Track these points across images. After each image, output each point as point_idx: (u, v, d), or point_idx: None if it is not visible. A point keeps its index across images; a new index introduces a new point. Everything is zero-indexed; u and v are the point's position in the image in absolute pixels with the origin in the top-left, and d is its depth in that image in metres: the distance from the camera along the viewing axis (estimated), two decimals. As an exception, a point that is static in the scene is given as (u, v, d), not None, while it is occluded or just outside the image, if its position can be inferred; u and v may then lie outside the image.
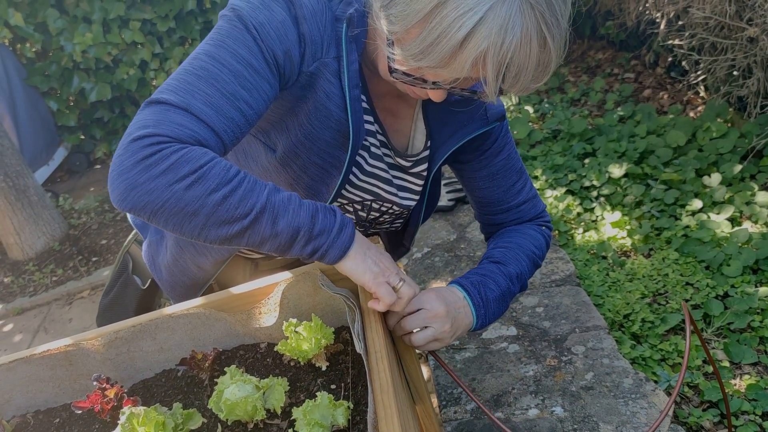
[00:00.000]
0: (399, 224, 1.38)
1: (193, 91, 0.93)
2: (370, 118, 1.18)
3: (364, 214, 1.29)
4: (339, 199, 1.23)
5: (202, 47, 0.97)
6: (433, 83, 0.98)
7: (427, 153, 1.25)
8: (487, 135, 1.27)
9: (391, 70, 0.99)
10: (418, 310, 1.13)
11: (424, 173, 1.27)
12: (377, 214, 1.30)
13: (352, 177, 1.20)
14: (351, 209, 1.27)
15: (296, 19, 1.00)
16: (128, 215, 1.51)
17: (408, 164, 1.25)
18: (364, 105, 1.15)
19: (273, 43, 0.98)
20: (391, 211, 1.30)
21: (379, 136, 1.21)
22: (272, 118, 1.12)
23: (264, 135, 1.15)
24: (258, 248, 0.98)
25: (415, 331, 1.14)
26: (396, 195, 1.27)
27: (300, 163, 1.13)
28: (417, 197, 1.30)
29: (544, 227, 1.39)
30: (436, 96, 1.03)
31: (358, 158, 1.19)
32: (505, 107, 3.92)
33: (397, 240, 1.49)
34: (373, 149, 1.20)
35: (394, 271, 1.04)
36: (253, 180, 0.96)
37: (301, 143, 1.10)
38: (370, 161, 1.21)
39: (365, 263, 1.01)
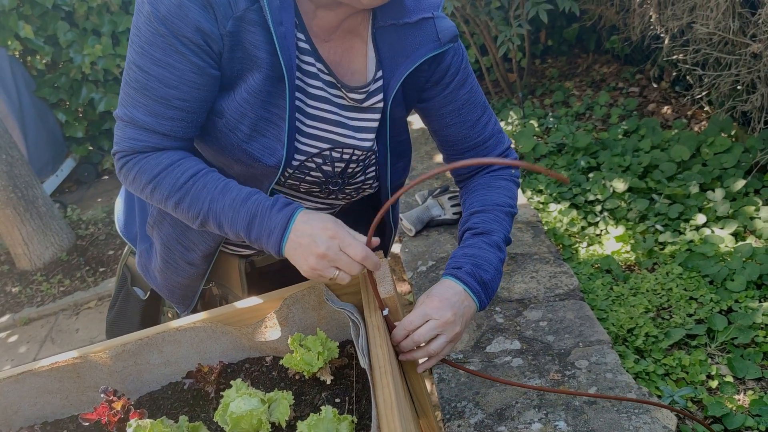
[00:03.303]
0: (372, 176, 1.34)
1: (135, 104, 1.09)
2: (311, 59, 1.17)
3: (330, 168, 1.25)
4: (297, 156, 1.21)
5: (130, 54, 1.09)
6: None
7: (380, 83, 1.23)
8: (446, 66, 1.27)
9: None
10: (425, 321, 1.14)
11: (380, 105, 1.25)
12: (342, 165, 1.26)
13: (299, 125, 1.19)
14: (314, 165, 1.23)
15: None
16: (117, 229, 1.55)
17: (361, 97, 1.23)
18: (304, 45, 1.15)
19: (181, 29, 1.04)
20: (354, 158, 1.26)
21: (325, 76, 1.19)
22: (224, 87, 1.14)
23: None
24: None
25: (423, 344, 1.15)
26: (354, 138, 1.24)
27: (248, 122, 1.14)
28: (375, 135, 1.28)
29: (513, 170, 1.39)
30: None
31: (297, 102, 1.18)
32: (511, 120, 3.95)
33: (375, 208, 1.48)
34: (311, 90, 1.19)
35: (327, 265, 1.05)
36: (201, 185, 1.10)
37: (245, 101, 1.12)
38: (311, 102, 1.20)
39: (297, 264, 1.07)
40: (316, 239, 1.04)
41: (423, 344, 1.15)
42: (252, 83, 1.11)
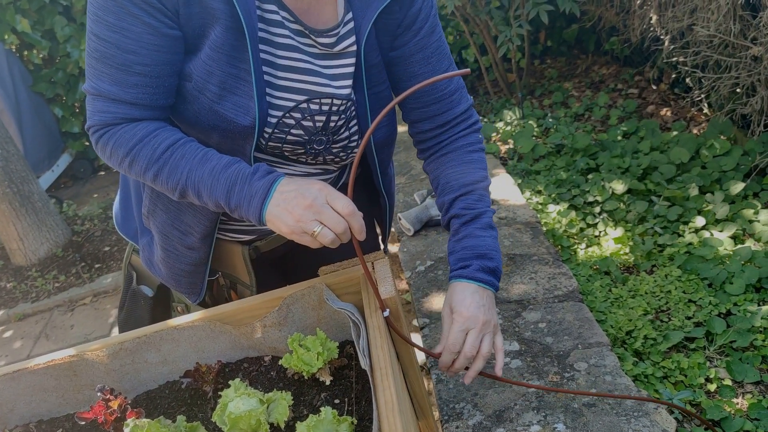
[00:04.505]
0: (356, 131, 1.30)
1: (99, 75, 1.07)
2: (273, 7, 1.13)
3: (310, 123, 1.21)
4: (272, 111, 1.17)
5: (88, 24, 1.07)
6: None
7: (350, 26, 1.21)
8: (417, 10, 1.25)
9: None
10: (465, 335, 1.20)
11: (353, 48, 1.22)
12: (323, 118, 1.22)
13: (270, 78, 1.16)
14: (293, 121, 1.19)
15: None
16: (116, 227, 1.53)
17: (330, 41, 1.19)
18: None
19: None
20: (333, 108, 1.22)
21: (291, 24, 1.16)
22: (190, 49, 1.11)
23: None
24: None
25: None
26: (330, 86, 1.21)
27: (216, 80, 1.10)
28: (352, 81, 1.24)
29: (479, 134, 1.38)
30: None
31: (264, 55, 1.14)
32: (510, 120, 3.94)
33: (368, 186, 1.46)
34: (278, 39, 1.15)
35: (312, 217, 1.01)
36: (180, 155, 1.08)
37: (210, 57, 1.09)
38: (280, 53, 1.16)
39: (280, 220, 1.03)
40: (303, 192, 1.02)
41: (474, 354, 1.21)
42: (214, 38, 1.08)
